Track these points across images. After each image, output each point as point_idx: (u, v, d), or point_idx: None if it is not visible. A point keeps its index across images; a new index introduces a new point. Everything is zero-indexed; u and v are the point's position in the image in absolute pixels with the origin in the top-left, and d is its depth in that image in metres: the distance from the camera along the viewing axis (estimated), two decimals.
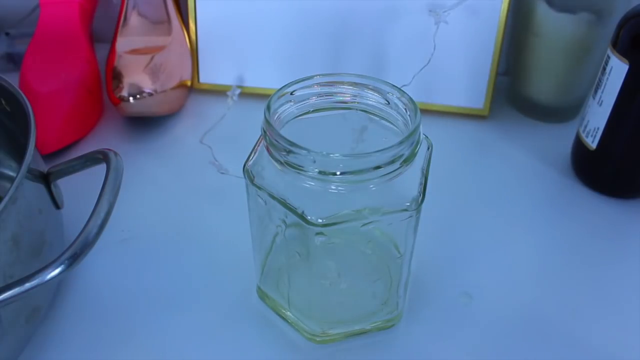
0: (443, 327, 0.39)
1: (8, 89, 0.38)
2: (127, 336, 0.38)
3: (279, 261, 0.38)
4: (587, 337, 0.38)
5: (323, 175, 0.30)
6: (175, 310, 0.39)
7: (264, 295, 0.40)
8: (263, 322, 0.39)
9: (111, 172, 0.33)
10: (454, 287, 0.41)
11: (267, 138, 0.32)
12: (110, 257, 0.43)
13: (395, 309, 0.38)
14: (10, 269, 0.31)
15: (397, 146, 0.31)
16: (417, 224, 0.34)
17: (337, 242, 0.36)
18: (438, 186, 0.42)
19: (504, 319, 0.39)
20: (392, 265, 0.38)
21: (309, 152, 0.30)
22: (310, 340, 0.37)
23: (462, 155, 0.54)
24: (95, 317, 0.39)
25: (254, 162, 0.34)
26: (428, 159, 0.34)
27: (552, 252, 0.44)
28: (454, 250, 0.44)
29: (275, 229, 0.36)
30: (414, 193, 0.32)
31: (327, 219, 0.31)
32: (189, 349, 0.37)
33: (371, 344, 0.38)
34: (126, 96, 0.52)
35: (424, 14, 0.55)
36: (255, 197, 0.34)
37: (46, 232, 0.36)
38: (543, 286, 0.42)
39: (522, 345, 0.38)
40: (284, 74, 0.60)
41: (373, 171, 0.30)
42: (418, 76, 0.51)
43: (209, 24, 0.60)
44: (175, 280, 0.41)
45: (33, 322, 0.36)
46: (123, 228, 0.45)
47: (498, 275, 0.42)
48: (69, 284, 0.41)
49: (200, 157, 0.52)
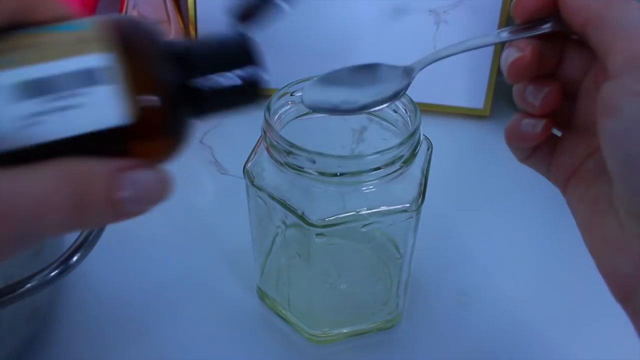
0: (443, 328, 0.39)
1: None
2: (127, 337, 0.38)
3: (279, 262, 0.38)
4: (587, 338, 0.38)
5: (323, 176, 0.30)
6: (175, 311, 0.39)
7: (264, 296, 0.40)
8: (263, 323, 0.39)
9: None
10: (454, 288, 0.41)
11: (267, 139, 0.32)
12: (110, 258, 0.43)
13: (395, 310, 0.38)
14: (10, 269, 0.31)
15: (397, 147, 0.31)
16: (417, 225, 0.34)
17: (337, 242, 0.36)
18: (438, 186, 0.42)
19: (503, 320, 0.39)
20: (392, 265, 0.38)
21: (309, 153, 0.30)
22: (310, 340, 0.37)
23: (462, 155, 0.54)
24: (95, 317, 0.39)
25: (254, 163, 0.34)
26: (428, 159, 0.34)
27: (552, 253, 0.44)
28: (453, 251, 0.44)
29: (275, 229, 0.36)
30: (414, 194, 0.32)
31: (327, 220, 0.31)
32: (189, 349, 0.37)
33: (371, 345, 0.38)
34: None
35: (424, 14, 0.55)
36: (255, 198, 0.34)
37: None
38: (543, 287, 0.42)
39: (522, 345, 0.38)
40: (284, 75, 0.60)
41: (373, 172, 0.30)
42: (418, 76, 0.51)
43: (209, 24, 0.60)
44: (175, 281, 0.41)
45: (33, 323, 0.36)
46: (123, 228, 0.45)
47: (498, 276, 0.42)
48: (69, 284, 0.41)
49: (200, 157, 0.52)
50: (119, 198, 0.18)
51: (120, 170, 0.18)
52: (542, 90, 0.26)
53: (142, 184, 0.19)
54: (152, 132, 0.19)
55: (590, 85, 0.26)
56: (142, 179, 0.19)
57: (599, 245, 0.24)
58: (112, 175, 0.18)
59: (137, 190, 0.19)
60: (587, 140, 0.26)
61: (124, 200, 0.19)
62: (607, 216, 0.24)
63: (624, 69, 0.21)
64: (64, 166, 0.18)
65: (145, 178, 0.19)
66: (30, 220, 0.17)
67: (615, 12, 0.22)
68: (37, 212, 0.17)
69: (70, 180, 0.18)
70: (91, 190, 0.18)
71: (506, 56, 0.26)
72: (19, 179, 0.17)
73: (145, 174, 0.19)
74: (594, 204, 0.25)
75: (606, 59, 0.22)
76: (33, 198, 0.17)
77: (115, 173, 0.18)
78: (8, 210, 0.16)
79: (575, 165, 0.26)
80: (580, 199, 0.26)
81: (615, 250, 0.23)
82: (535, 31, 0.25)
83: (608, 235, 0.23)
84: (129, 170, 0.19)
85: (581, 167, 0.26)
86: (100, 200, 0.18)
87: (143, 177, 0.19)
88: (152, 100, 0.19)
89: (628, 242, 0.22)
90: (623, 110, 0.20)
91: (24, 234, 0.17)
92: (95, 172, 0.18)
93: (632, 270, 0.23)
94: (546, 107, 0.26)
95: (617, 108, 0.21)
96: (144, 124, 0.19)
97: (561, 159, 0.27)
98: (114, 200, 0.18)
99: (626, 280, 0.23)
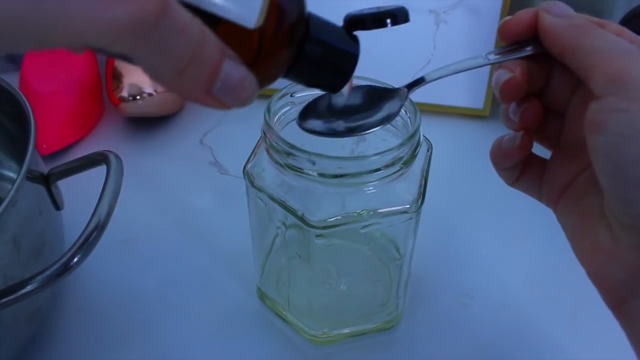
0: (443, 328, 0.39)
1: (8, 89, 0.38)
2: (127, 337, 0.38)
3: (279, 262, 0.38)
4: (588, 338, 0.38)
5: (323, 177, 0.30)
6: (175, 311, 0.40)
7: (264, 296, 0.40)
8: (263, 323, 0.39)
9: (111, 173, 0.33)
10: (454, 288, 0.41)
11: (267, 140, 0.32)
12: (110, 258, 0.43)
13: (395, 310, 0.38)
14: (11, 270, 0.31)
15: (397, 148, 0.31)
16: (417, 226, 0.34)
17: (337, 243, 0.36)
18: (438, 186, 0.42)
19: (503, 320, 0.39)
20: (392, 266, 0.38)
21: (309, 154, 0.30)
22: (310, 341, 0.38)
23: (462, 155, 0.54)
24: (96, 318, 0.39)
25: (254, 164, 0.34)
26: (428, 160, 0.34)
27: (553, 253, 0.44)
28: (453, 252, 0.44)
29: (275, 230, 0.36)
30: (414, 195, 0.32)
31: (327, 221, 0.31)
32: (189, 349, 0.37)
33: (371, 345, 0.38)
34: (126, 96, 0.52)
35: (424, 14, 0.55)
36: (255, 199, 0.34)
37: (46, 234, 0.36)
38: (543, 287, 0.42)
39: (523, 346, 0.38)
40: None
41: (373, 173, 0.30)
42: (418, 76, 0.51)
43: None
44: (175, 281, 0.42)
45: (34, 324, 0.36)
46: (123, 229, 0.45)
47: (498, 276, 0.42)
48: (69, 285, 0.41)
49: (200, 157, 0.52)
50: (218, 73, 0.20)
51: (230, 56, 0.21)
52: (522, 106, 0.28)
53: (237, 74, 0.21)
54: (262, 45, 0.22)
55: (578, 103, 0.27)
56: (240, 71, 0.21)
57: (590, 254, 0.25)
58: (223, 53, 0.20)
59: (233, 76, 0.21)
60: (577, 157, 0.27)
61: (220, 77, 0.20)
62: (597, 227, 0.25)
63: (606, 90, 0.22)
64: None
65: (243, 72, 0.21)
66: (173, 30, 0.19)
67: (590, 38, 0.24)
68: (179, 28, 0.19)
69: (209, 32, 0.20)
70: (205, 51, 0.20)
71: (497, 78, 0.27)
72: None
73: (244, 70, 0.21)
74: (584, 216, 0.26)
75: (588, 82, 0.23)
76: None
77: (226, 55, 0.20)
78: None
79: (567, 181, 0.28)
80: (571, 211, 0.27)
81: (607, 258, 0.24)
82: (521, 53, 0.27)
83: (599, 244, 0.24)
84: (234, 60, 0.21)
85: (572, 183, 0.27)
86: (207, 62, 0.20)
87: (242, 70, 0.21)
88: (281, 17, 0.22)
89: (620, 251, 0.24)
90: (609, 126, 0.22)
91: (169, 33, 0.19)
92: (212, 42, 0.20)
93: (624, 278, 0.24)
94: (525, 120, 0.28)
95: (603, 125, 0.22)
96: (260, 35, 0.21)
97: (552, 177, 0.28)
98: (214, 72, 0.20)
99: (619, 288, 0.24)
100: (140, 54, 0.19)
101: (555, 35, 0.25)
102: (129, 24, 0.17)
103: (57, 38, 0.17)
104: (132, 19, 0.17)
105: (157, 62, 0.19)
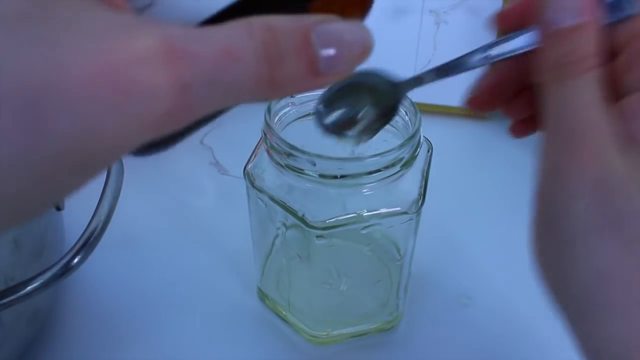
0: (443, 329, 0.39)
1: None
2: (128, 338, 0.38)
3: (279, 263, 0.38)
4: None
5: (323, 178, 0.30)
6: (175, 312, 0.40)
7: (264, 297, 0.40)
8: (263, 323, 0.39)
9: (112, 174, 0.33)
10: (454, 289, 0.41)
11: (268, 141, 0.32)
12: (111, 259, 0.43)
13: (395, 311, 0.38)
14: (12, 271, 0.31)
15: (397, 149, 0.31)
16: (417, 226, 0.35)
17: (337, 244, 0.36)
18: (438, 187, 0.42)
19: (503, 321, 0.39)
20: (392, 267, 0.38)
21: (309, 155, 0.30)
22: (310, 341, 0.38)
23: (463, 155, 0.54)
24: (96, 318, 0.39)
25: (254, 165, 0.34)
26: (428, 161, 0.34)
27: None
28: (453, 252, 0.44)
29: (276, 231, 0.36)
30: (414, 196, 0.32)
31: (327, 222, 0.31)
32: (189, 350, 0.37)
33: (371, 346, 0.38)
34: None
35: (424, 14, 0.55)
36: (256, 200, 0.34)
37: (47, 234, 0.36)
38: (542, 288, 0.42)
39: (522, 346, 0.38)
40: None
41: (373, 174, 0.30)
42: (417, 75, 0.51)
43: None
44: (175, 282, 0.42)
45: (35, 324, 0.36)
46: (124, 229, 0.45)
47: (498, 277, 0.42)
48: (70, 286, 0.41)
49: (201, 158, 0.52)
50: (313, 52, 0.16)
51: (313, 23, 0.16)
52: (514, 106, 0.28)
53: (338, 35, 0.16)
54: None
55: None
56: (338, 28, 0.16)
57: None
58: (303, 27, 0.16)
59: (334, 42, 0.16)
60: None
61: (318, 55, 0.16)
62: None
63: None
64: (246, 21, 0.15)
65: (341, 28, 0.16)
66: (212, 68, 0.15)
67: None
68: (220, 59, 0.15)
69: (257, 28, 0.15)
70: (281, 40, 0.15)
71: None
72: (197, 30, 0.15)
73: (340, 24, 0.16)
74: None
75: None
76: (215, 44, 0.15)
77: (307, 25, 0.16)
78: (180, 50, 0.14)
79: None
80: None
81: None
82: (520, 49, 0.26)
83: None
84: (319, 24, 0.16)
85: None
86: (291, 51, 0.15)
87: (338, 27, 0.16)
88: None
89: None
90: None
91: (209, 82, 0.15)
92: (282, 23, 0.15)
93: None
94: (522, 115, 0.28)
95: None
96: None
97: None
98: (307, 54, 0.16)
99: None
100: (201, 113, 0.15)
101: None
102: (155, 121, 0.15)
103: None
104: (154, 117, 0.14)
105: (232, 102, 0.16)
